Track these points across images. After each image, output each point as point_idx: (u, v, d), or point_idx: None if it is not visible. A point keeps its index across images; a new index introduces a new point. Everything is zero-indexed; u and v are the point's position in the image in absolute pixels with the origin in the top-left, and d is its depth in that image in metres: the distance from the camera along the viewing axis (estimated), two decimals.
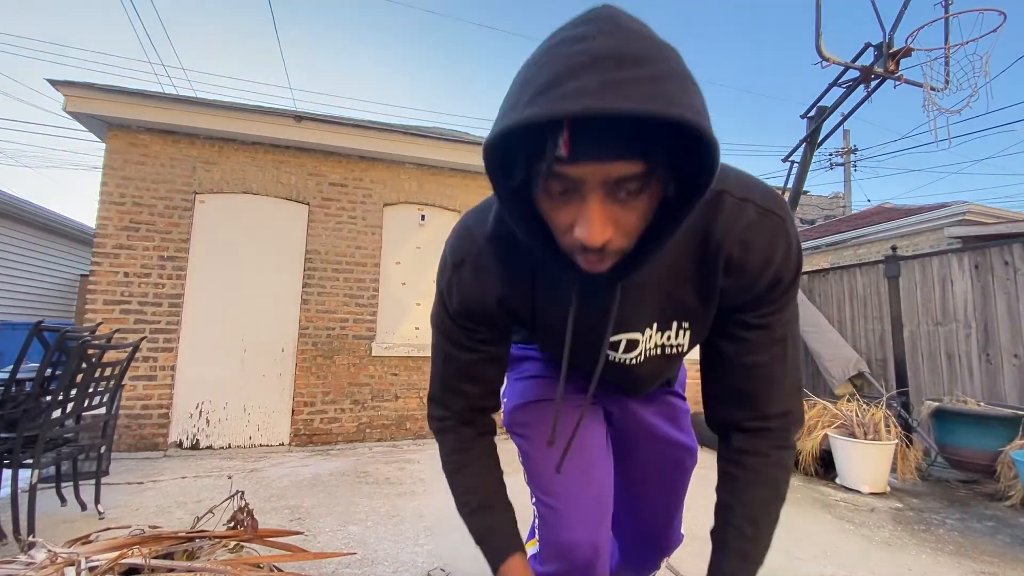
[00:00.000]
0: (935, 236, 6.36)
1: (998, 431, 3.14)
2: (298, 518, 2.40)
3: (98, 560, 1.22)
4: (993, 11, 3.16)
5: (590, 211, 0.52)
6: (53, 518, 2.31)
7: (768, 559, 0.78)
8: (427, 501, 2.70)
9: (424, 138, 4.48)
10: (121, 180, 3.81)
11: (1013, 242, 3.87)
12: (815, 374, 5.34)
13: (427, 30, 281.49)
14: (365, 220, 4.39)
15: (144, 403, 3.68)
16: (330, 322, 4.20)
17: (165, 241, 3.85)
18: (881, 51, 3.56)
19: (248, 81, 49.46)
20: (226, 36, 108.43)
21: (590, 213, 0.52)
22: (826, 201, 14.32)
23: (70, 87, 3.59)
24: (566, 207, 0.55)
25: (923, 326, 4.42)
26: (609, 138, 0.48)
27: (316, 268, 4.21)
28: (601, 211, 0.53)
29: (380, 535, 2.22)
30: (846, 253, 7.59)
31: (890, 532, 2.45)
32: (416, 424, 4.33)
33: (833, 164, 12.99)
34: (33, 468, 1.98)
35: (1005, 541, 2.38)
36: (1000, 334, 3.87)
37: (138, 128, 3.88)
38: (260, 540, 1.70)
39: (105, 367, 2.38)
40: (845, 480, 3.17)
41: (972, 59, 3.31)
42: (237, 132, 3.98)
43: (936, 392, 4.21)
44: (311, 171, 4.28)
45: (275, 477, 3.11)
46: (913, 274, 4.54)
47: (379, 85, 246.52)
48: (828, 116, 3.97)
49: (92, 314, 3.65)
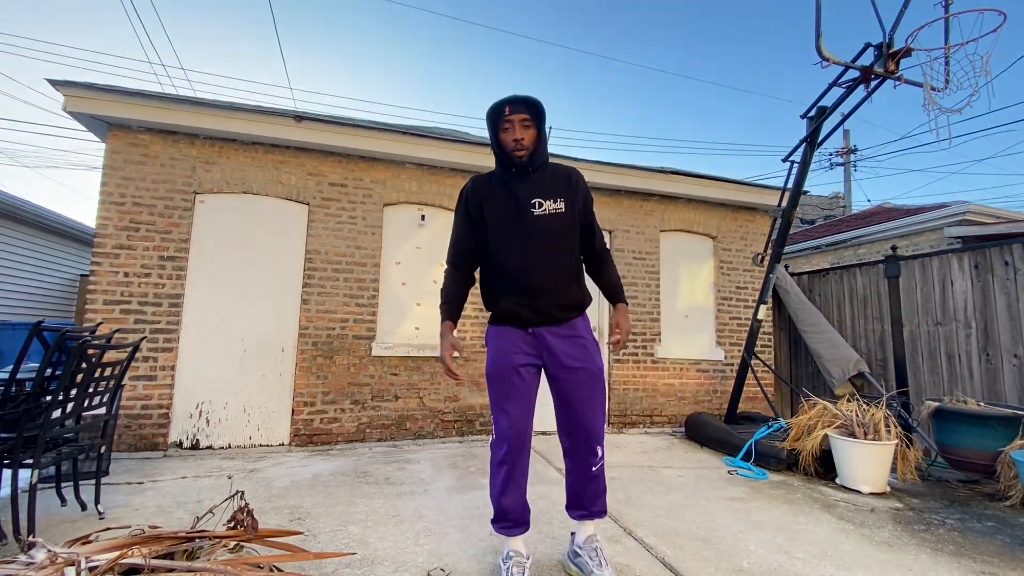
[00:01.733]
0: (935, 236, 6.37)
1: (998, 431, 3.14)
2: (298, 518, 2.40)
3: (98, 560, 1.22)
4: (993, 11, 3.16)
5: (516, 126, 1.76)
6: (53, 518, 2.31)
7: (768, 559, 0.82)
8: (427, 501, 2.70)
9: (424, 138, 4.48)
10: (121, 180, 3.81)
11: (1013, 242, 3.87)
12: (815, 374, 5.34)
13: (427, 30, 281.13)
14: (365, 220, 4.39)
15: (144, 403, 3.69)
16: (330, 322, 4.20)
17: (165, 241, 3.86)
18: (881, 51, 3.56)
19: (248, 81, 49.40)
20: (226, 36, 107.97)
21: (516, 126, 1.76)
22: (826, 201, 14.32)
23: (70, 87, 3.59)
24: (506, 133, 1.78)
25: (923, 326, 4.42)
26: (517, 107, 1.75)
27: (316, 268, 4.21)
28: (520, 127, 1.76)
29: (380, 535, 2.22)
30: (846, 253, 7.59)
31: (890, 532, 2.45)
32: (416, 424, 4.33)
33: (833, 164, 12.99)
34: (33, 468, 1.98)
35: (1005, 541, 2.38)
36: (1000, 334, 3.87)
37: (138, 128, 3.88)
38: (260, 540, 1.70)
39: (105, 367, 2.38)
40: (845, 480, 3.17)
41: (972, 59, 3.31)
42: (237, 132, 3.98)
43: (936, 392, 4.21)
44: (311, 171, 4.29)
45: (275, 477, 3.11)
46: (913, 274, 4.54)
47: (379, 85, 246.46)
48: (828, 116, 3.97)
49: (92, 314, 3.65)
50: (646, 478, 3.28)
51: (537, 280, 1.78)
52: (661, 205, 5.41)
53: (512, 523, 1.79)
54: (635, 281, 5.20)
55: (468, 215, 1.87)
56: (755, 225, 5.77)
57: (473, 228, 1.87)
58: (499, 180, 1.85)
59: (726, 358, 5.42)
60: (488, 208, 1.83)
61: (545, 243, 1.78)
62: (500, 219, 1.81)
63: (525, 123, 1.75)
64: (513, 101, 1.74)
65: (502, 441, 1.74)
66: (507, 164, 1.80)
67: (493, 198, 1.83)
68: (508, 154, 1.77)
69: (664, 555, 2.10)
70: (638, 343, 5.13)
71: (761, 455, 3.63)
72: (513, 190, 1.81)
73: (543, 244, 1.78)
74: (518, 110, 1.73)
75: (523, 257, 1.78)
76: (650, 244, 5.31)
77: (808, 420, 3.51)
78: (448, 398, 4.45)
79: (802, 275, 5.81)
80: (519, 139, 1.74)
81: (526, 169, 1.80)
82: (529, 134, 1.76)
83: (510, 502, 1.77)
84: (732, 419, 4.61)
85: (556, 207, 1.78)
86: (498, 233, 1.81)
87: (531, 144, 1.77)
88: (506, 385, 1.76)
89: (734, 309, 5.58)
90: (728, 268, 5.61)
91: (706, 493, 2.99)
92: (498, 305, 1.84)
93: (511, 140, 1.75)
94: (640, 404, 5.05)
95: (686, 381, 5.26)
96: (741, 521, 2.53)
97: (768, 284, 4.48)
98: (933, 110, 3.39)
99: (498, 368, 1.78)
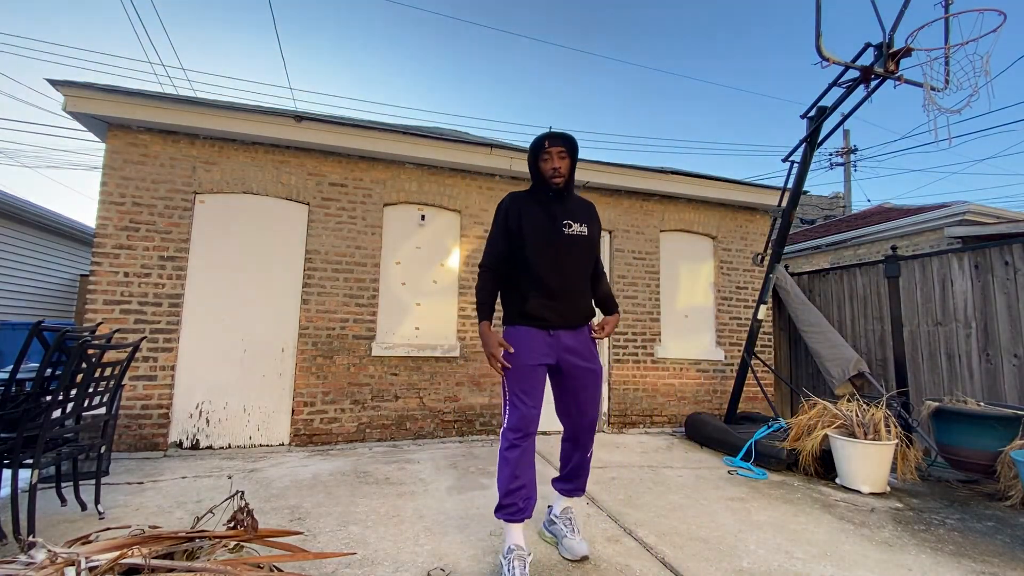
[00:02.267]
0: (935, 236, 6.37)
1: (998, 431, 3.14)
2: (298, 518, 2.40)
3: (98, 560, 1.22)
4: (993, 11, 3.16)
5: (554, 157, 2.08)
6: (53, 518, 2.31)
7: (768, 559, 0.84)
8: (427, 501, 2.70)
9: (424, 138, 4.48)
10: (121, 180, 3.81)
11: (1013, 242, 3.87)
12: (815, 374, 5.34)
13: (427, 30, 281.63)
14: (365, 220, 4.39)
15: (144, 403, 3.69)
16: (330, 322, 4.20)
17: (165, 241, 3.86)
18: (881, 51, 3.56)
19: (248, 81, 49.42)
20: (226, 36, 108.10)
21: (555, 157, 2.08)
22: (826, 201, 14.31)
23: (70, 87, 3.59)
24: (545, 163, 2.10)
25: (923, 326, 4.43)
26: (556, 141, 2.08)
27: (316, 268, 4.21)
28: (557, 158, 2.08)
29: (380, 535, 2.22)
30: (846, 253, 7.59)
31: (890, 532, 2.45)
32: (416, 424, 4.33)
33: (833, 164, 12.99)
34: (33, 468, 1.98)
35: (1005, 541, 2.38)
36: (1000, 334, 3.87)
37: (138, 128, 3.88)
38: (260, 540, 1.70)
39: (105, 367, 2.38)
40: (845, 480, 3.17)
41: (972, 59, 3.31)
42: (237, 132, 3.98)
43: (936, 392, 4.21)
44: (311, 171, 4.29)
45: (275, 477, 3.11)
46: (913, 274, 4.54)
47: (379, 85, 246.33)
48: (828, 116, 3.97)
49: (92, 314, 3.65)
50: (646, 478, 3.28)
51: (563, 288, 2.06)
52: (661, 205, 5.41)
53: (518, 509, 1.92)
54: (635, 281, 5.20)
55: (508, 226, 2.10)
56: (755, 225, 5.77)
57: (510, 238, 2.10)
58: (535, 199, 2.14)
59: (726, 358, 5.43)
60: (526, 222, 2.08)
61: (571, 258, 2.08)
62: (537, 233, 2.07)
63: (561, 155, 2.07)
64: (552, 136, 2.06)
65: (517, 428, 1.95)
66: (544, 188, 2.13)
67: (531, 214, 2.10)
68: (546, 180, 2.10)
69: (664, 555, 2.10)
70: (638, 343, 5.13)
71: (761, 455, 3.63)
72: (549, 209, 2.10)
73: (570, 259, 2.08)
74: (556, 143, 2.06)
75: (554, 267, 2.06)
76: (650, 244, 5.31)
77: (808, 420, 3.51)
78: (448, 398, 4.45)
79: (802, 275, 5.81)
80: (557, 167, 2.06)
81: (561, 194, 2.13)
82: (564, 164, 2.08)
83: (520, 484, 1.93)
84: (732, 419, 4.61)
85: (581, 230, 2.10)
86: (534, 245, 2.06)
87: (567, 172, 2.09)
88: (526, 380, 1.98)
89: (734, 309, 5.58)
90: (728, 268, 5.61)
91: (706, 493, 2.99)
92: (526, 306, 2.05)
93: (550, 168, 2.07)
94: (640, 404, 5.05)
95: (686, 381, 5.26)
96: (741, 521, 2.53)
97: (768, 284, 4.48)
98: (933, 110, 3.39)
99: (521, 361, 1.99)
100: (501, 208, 2.16)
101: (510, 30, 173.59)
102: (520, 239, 2.07)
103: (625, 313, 5.10)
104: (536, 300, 2.03)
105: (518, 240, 2.07)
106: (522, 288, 2.08)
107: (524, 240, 2.06)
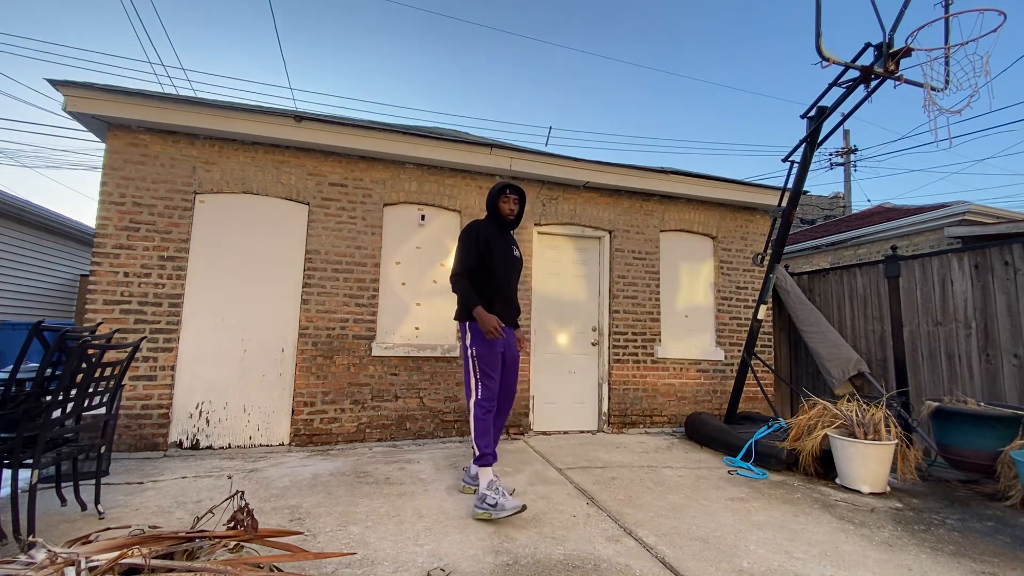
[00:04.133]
0: (935, 236, 6.37)
1: (998, 431, 3.14)
2: (298, 518, 2.40)
3: (98, 560, 1.22)
4: (993, 11, 3.16)
5: (511, 201, 2.97)
6: (53, 518, 2.31)
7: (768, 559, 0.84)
8: (427, 501, 2.70)
9: (424, 138, 4.48)
10: (121, 180, 3.81)
11: (1013, 242, 3.87)
12: (815, 374, 5.34)
13: (428, 30, 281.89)
14: (365, 220, 4.39)
15: (144, 403, 3.69)
16: (330, 322, 4.20)
17: (165, 241, 3.86)
18: (881, 51, 3.56)
19: (248, 81, 49.40)
20: (226, 36, 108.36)
21: (511, 202, 2.97)
22: (826, 201, 14.31)
23: (70, 87, 3.59)
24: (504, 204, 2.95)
25: (923, 326, 4.43)
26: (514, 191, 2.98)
27: (316, 268, 4.21)
28: (513, 202, 2.97)
29: (380, 535, 2.22)
30: (846, 253, 7.59)
31: (890, 532, 2.45)
32: (416, 424, 4.33)
33: (833, 164, 12.99)
34: (33, 468, 1.98)
35: (1005, 541, 2.38)
36: (1000, 334, 3.87)
37: (138, 128, 3.88)
38: (260, 540, 1.70)
39: (105, 367, 2.38)
40: (845, 480, 3.17)
41: (972, 59, 3.31)
42: (237, 132, 3.98)
43: (936, 392, 4.21)
44: (311, 171, 4.29)
45: (275, 477, 3.11)
46: (913, 274, 4.54)
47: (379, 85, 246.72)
48: (828, 116, 3.97)
49: (92, 314, 3.65)
50: (646, 478, 3.28)
51: (511, 296, 2.93)
52: (661, 205, 5.41)
53: (493, 455, 2.64)
54: (635, 281, 5.20)
55: (479, 245, 2.80)
56: (755, 225, 5.77)
57: (481, 254, 2.79)
58: (495, 228, 2.92)
59: (726, 358, 5.43)
60: (494, 246, 2.81)
61: (516, 275, 2.98)
62: (499, 253, 2.83)
63: (516, 200, 2.96)
64: (511, 186, 2.94)
65: (492, 398, 2.71)
66: (500, 221, 2.95)
67: (495, 239, 2.84)
68: (503, 216, 2.94)
69: (664, 555, 2.10)
70: (638, 343, 5.13)
71: (761, 455, 3.63)
72: (504, 237, 2.94)
73: (515, 276, 2.97)
74: (514, 192, 2.95)
75: (506, 281, 2.87)
76: (650, 244, 5.31)
77: (808, 420, 3.51)
78: (448, 398, 4.45)
79: (802, 275, 5.81)
80: (512, 209, 2.95)
81: (511, 227, 3.01)
82: (517, 207, 2.98)
83: (491, 439, 2.66)
84: (732, 419, 4.61)
85: (518, 255, 3.01)
86: (497, 263, 2.81)
87: (518, 212, 2.99)
88: (495, 362, 2.73)
89: (734, 309, 5.58)
90: (728, 268, 5.61)
91: (706, 493, 2.99)
92: (492, 309, 2.75)
93: (508, 208, 2.93)
94: (640, 404, 5.05)
95: (686, 381, 5.26)
96: (741, 521, 2.53)
97: (768, 284, 4.47)
98: (933, 110, 3.39)
99: (492, 351, 2.72)
100: (473, 230, 2.84)
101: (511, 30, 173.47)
102: (489, 257, 2.78)
103: (625, 313, 5.10)
104: (497, 304, 2.77)
105: (487, 257, 2.78)
106: (487, 295, 2.76)
107: (492, 258, 2.78)
